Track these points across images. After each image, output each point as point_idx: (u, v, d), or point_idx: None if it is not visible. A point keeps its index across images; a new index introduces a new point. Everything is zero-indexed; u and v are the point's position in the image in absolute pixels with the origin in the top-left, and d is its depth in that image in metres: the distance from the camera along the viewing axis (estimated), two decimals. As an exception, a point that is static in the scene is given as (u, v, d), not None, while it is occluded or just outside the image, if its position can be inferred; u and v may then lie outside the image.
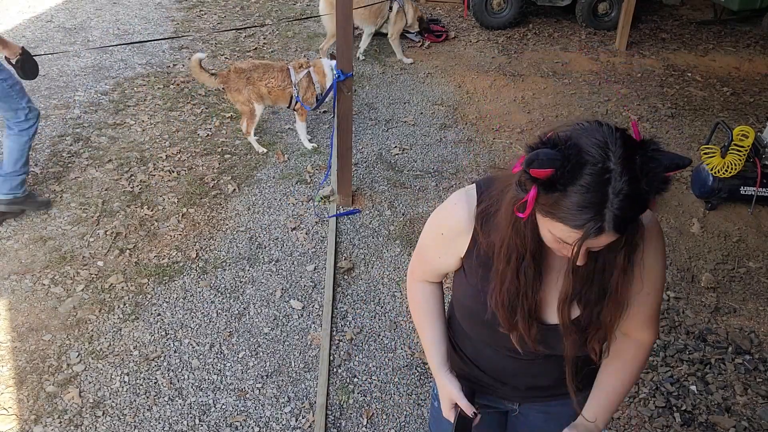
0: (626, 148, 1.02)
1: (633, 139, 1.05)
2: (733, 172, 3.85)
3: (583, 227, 1.02)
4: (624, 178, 0.99)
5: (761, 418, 2.64)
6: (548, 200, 1.04)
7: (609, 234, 1.03)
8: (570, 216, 1.03)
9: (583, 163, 1.01)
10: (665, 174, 1.02)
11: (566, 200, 1.02)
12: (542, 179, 1.02)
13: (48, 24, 6.81)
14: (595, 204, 1.01)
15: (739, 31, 7.27)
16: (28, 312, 3.08)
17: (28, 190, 3.75)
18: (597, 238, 1.04)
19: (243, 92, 4.32)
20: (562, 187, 1.02)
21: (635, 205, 1.02)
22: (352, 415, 2.64)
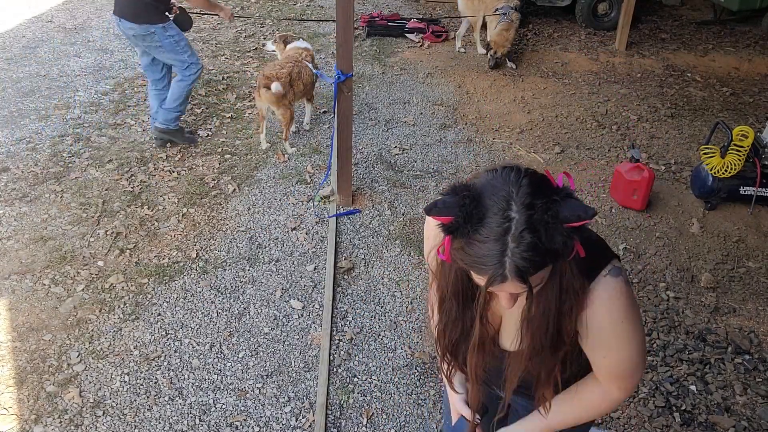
0: (531, 196, 1.00)
1: (546, 186, 1.04)
2: (733, 172, 3.86)
3: (486, 275, 1.03)
4: (522, 227, 0.98)
5: (761, 417, 2.64)
6: (458, 245, 1.05)
7: (513, 282, 1.03)
8: (473, 263, 1.04)
9: (483, 212, 1.01)
10: (565, 225, 1.00)
11: (469, 248, 1.03)
12: (446, 226, 1.03)
13: (48, 24, 6.81)
14: (496, 253, 1.00)
15: (738, 31, 7.27)
16: (28, 312, 3.09)
17: (180, 125, 4.48)
18: (502, 285, 1.04)
19: (287, 96, 4.33)
20: (465, 234, 1.02)
21: (537, 254, 1.00)
22: (352, 415, 2.64)
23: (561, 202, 1.01)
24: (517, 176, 1.03)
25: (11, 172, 4.18)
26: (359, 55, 6.26)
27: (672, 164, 4.54)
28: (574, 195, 1.04)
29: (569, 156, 4.61)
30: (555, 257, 1.03)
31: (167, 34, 4.07)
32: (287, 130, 4.44)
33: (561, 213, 1.00)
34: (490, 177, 1.05)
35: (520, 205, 1.00)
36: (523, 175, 1.03)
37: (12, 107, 5.01)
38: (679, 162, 4.57)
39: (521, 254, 0.99)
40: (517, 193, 1.01)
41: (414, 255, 3.55)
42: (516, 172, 1.04)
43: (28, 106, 5.05)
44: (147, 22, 3.98)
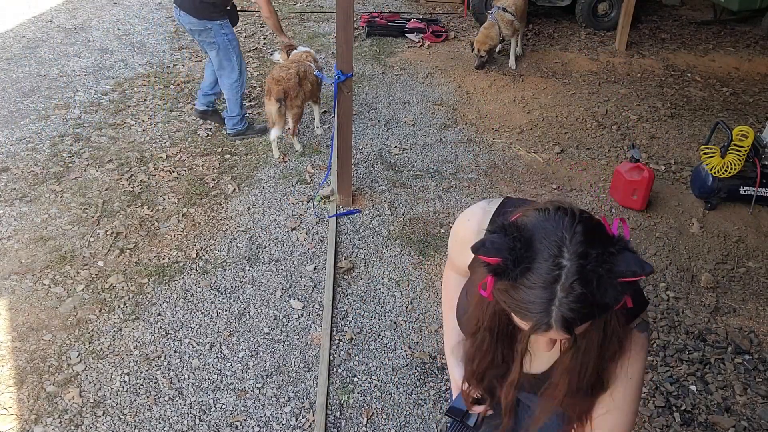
0: (585, 245, 0.95)
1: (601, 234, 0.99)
2: (733, 172, 3.86)
3: (531, 321, 0.99)
4: (574, 277, 0.94)
5: (761, 417, 2.64)
6: (503, 286, 1.01)
7: (558, 332, 0.99)
8: (518, 308, 1.00)
9: (533, 257, 0.96)
10: (619, 280, 0.95)
11: (516, 292, 0.99)
12: (492, 267, 0.98)
13: (48, 24, 6.81)
14: (543, 301, 0.96)
15: (738, 31, 7.27)
16: (28, 312, 3.09)
17: (247, 121, 4.72)
18: (546, 333, 1.00)
19: (299, 96, 4.33)
20: (512, 278, 0.98)
21: (586, 306, 0.96)
22: (352, 415, 2.64)
23: (617, 254, 0.96)
24: (572, 221, 0.98)
25: (11, 172, 4.18)
26: (359, 55, 6.26)
27: (672, 164, 4.54)
28: (630, 246, 0.98)
29: (569, 156, 4.61)
30: (603, 310, 0.99)
31: (222, 32, 4.26)
32: (295, 126, 4.44)
33: (616, 267, 0.95)
34: (542, 218, 1.00)
35: (573, 254, 0.95)
36: (577, 220, 0.98)
37: (12, 107, 5.01)
38: (679, 162, 4.57)
39: (569, 305, 0.95)
40: (571, 240, 0.96)
41: (414, 255, 3.55)
42: (570, 216, 0.99)
43: (28, 106, 5.05)
44: (206, 18, 4.17)
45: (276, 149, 4.45)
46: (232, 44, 4.36)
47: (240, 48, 4.48)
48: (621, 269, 0.95)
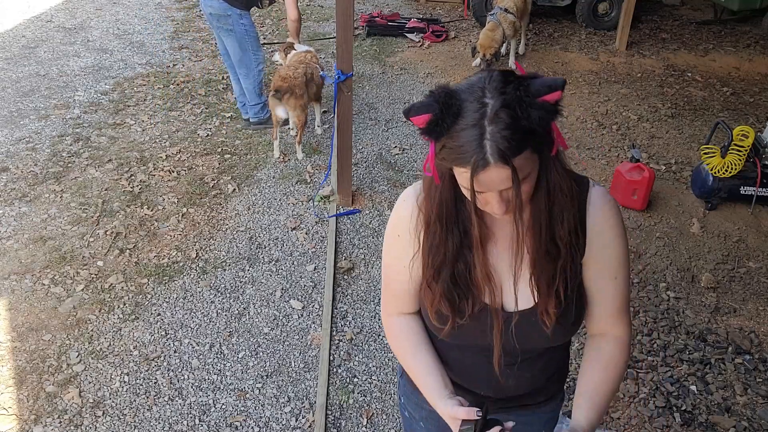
0: (501, 82, 1.04)
1: (511, 74, 1.07)
2: (733, 172, 3.85)
3: (470, 162, 1.03)
4: (496, 107, 1.01)
5: (761, 418, 2.64)
6: (440, 146, 1.07)
7: (498, 167, 1.02)
8: (457, 156, 1.04)
9: (459, 105, 1.03)
10: (538, 99, 1.02)
11: (451, 142, 1.04)
12: (425, 127, 1.05)
13: (48, 24, 6.81)
14: (475, 138, 1.02)
15: (739, 31, 7.27)
16: (28, 312, 3.08)
17: (269, 110, 4.62)
18: (486, 171, 1.03)
19: (304, 96, 4.33)
20: (445, 130, 1.04)
21: (516, 132, 1.01)
22: (352, 415, 2.64)
23: (530, 79, 1.04)
24: (488, 72, 1.07)
25: (11, 171, 4.18)
26: (359, 55, 6.26)
27: (672, 164, 4.54)
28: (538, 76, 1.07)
29: (569, 156, 4.61)
30: (534, 138, 1.04)
31: (241, 21, 4.34)
32: (301, 133, 4.43)
33: (532, 87, 1.03)
34: (464, 80, 1.10)
35: (494, 90, 1.02)
36: (494, 70, 1.08)
37: (12, 107, 5.01)
38: (680, 162, 4.57)
39: (500, 133, 1.00)
40: (489, 81, 1.04)
41: (414, 255, 3.54)
42: (487, 71, 1.08)
43: (28, 105, 5.04)
44: (228, 3, 4.23)
45: (277, 149, 4.45)
46: (250, 34, 4.42)
47: (258, 38, 4.54)
48: (537, 88, 1.03)
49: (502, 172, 1.03)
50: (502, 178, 1.05)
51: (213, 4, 4.26)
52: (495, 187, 1.07)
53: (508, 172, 1.03)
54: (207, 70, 5.80)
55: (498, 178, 1.05)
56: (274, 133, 4.43)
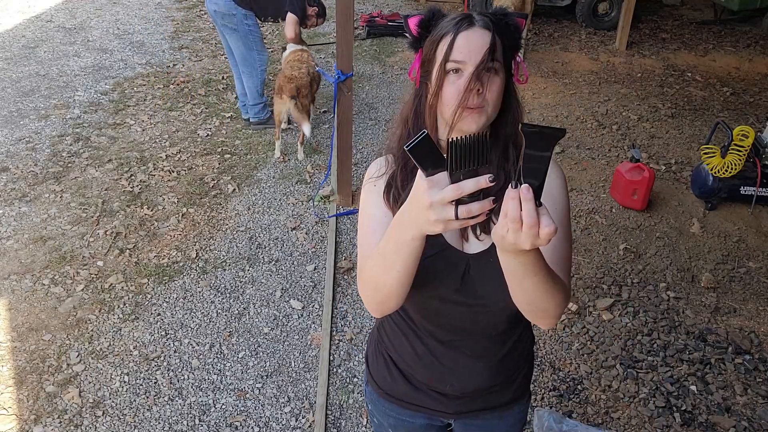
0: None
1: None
2: (733, 172, 3.85)
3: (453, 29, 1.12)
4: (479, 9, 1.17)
5: (761, 418, 2.64)
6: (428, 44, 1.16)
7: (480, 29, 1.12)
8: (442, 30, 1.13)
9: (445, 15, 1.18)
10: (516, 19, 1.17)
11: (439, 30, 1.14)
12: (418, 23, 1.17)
13: (48, 24, 6.81)
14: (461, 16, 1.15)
15: (739, 31, 7.27)
16: (28, 312, 3.08)
17: (269, 111, 4.77)
18: (469, 30, 1.11)
19: (308, 96, 4.34)
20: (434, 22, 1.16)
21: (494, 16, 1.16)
22: (352, 415, 2.64)
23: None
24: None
25: (11, 171, 4.18)
26: (359, 55, 6.26)
27: (672, 164, 4.54)
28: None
29: (569, 156, 4.61)
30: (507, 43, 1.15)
31: (245, 22, 4.36)
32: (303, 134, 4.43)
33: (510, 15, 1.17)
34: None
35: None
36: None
37: (11, 107, 5.01)
38: (680, 162, 4.57)
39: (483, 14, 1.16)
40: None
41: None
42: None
43: (28, 105, 5.04)
44: (234, 2, 4.26)
45: (278, 149, 4.45)
46: (254, 34, 4.45)
47: (262, 39, 4.58)
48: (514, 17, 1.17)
49: (485, 36, 1.11)
50: (483, 42, 1.11)
51: (218, 1, 4.27)
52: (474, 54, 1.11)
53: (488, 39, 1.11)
54: (207, 70, 5.80)
55: (480, 41, 1.11)
56: (276, 133, 4.43)
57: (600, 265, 3.51)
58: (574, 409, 2.66)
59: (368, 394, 1.56)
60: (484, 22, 1.13)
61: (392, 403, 1.47)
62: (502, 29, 1.15)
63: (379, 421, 1.55)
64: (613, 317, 3.15)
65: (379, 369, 1.47)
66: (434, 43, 1.14)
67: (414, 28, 1.18)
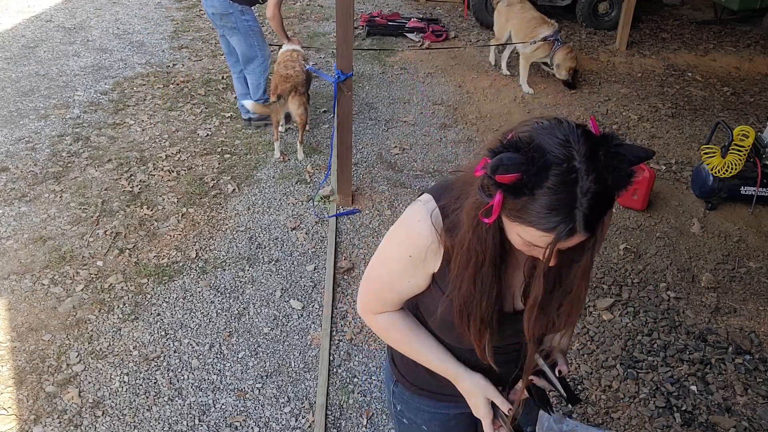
0: (589, 145, 0.99)
1: (594, 134, 1.03)
2: (734, 172, 3.85)
3: (555, 230, 1.00)
4: (591, 176, 0.97)
5: (761, 418, 2.64)
6: (516, 205, 1.01)
7: (580, 234, 1.02)
8: (540, 219, 1.00)
9: (548, 165, 0.98)
10: (630, 168, 1.01)
11: (535, 204, 0.99)
12: (508, 184, 0.99)
13: (48, 24, 6.81)
14: (565, 205, 0.98)
15: (739, 31, 7.26)
16: (27, 312, 3.08)
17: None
18: (569, 239, 1.02)
19: (305, 94, 4.33)
20: (529, 191, 0.99)
21: (604, 202, 1.00)
22: (352, 415, 2.63)
23: (621, 146, 1.00)
24: (569, 125, 1.02)
25: (10, 171, 4.17)
26: (359, 55, 6.25)
27: (672, 164, 4.53)
28: (619, 137, 1.03)
29: (569, 156, 4.60)
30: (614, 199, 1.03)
31: (243, 18, 4.34)
32: (303, 132, 4.43)
33: (626, 156, 1.00)
34: (543, 128, 1.02)
35: (584, 155, 0.98)
36: (574, 124, 1.02)
37: (11, 107, 5.00)
38: (680, 162, 4.57)
39: (590, 203, 0.97)
40: (578, 142, 0.98)
41: (414, 255, 3.54)
42: (566, 122, 1.03)
43: (28, 105, 5.04)
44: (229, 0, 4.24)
45: (278, 149, 4.44)
46: (253, 30, 4.43)
47: (262, 34, 4.56)
48: (630, 158, 1.00)
49: (582, 238, 1.03)
50: (578, 241, 1.04)
51: (214, 3, 4.26)
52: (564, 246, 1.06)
53: (586, 237, 1.02)
54: (207, 69, 5.80)
55: (575, 242, 1.04)
56: (275, 134, 4.43)
57: (600, 265, 3.50)
58: (574, 410, 2.66)
59: (398, 395, 1.54)
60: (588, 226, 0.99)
61: (426, 397, 1.47)
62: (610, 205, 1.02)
63: (411, 420, 1.54)
64: (613, 317, 3.15)
65: (409, 366, 1.47)
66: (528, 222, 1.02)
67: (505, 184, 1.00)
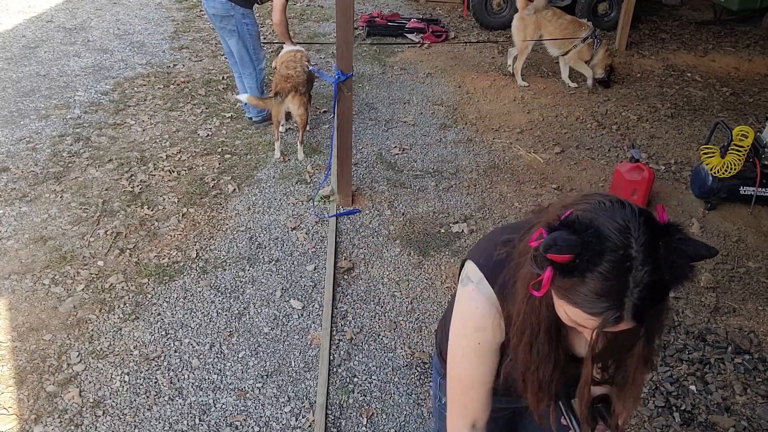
0: (650, 235, 0.96)
1: (656, 222, 0.99)
2: (733, 172, 3.86)
3: (601, 315, 0.98)
4: (646, 267, 0.94)
5: (761, 417, 2.64)
6: (565, 284, 0.99)
7: (628, 322, 0.99)
8: (587, 303, 0.98)
9: (603, 250, 0.95)
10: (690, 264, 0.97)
11: (584, 286, 0.97)
12: (563, 265, 0.97)
13: (48, 24, 6.81)
14: (615, 292, 0.95)
15: (738, 31, 7.27)
16: (28, 312, 3.09)
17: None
18: (616, 326, 1.00)
19: (306, 95, 4.34)
20: (579, 273, 0.96)
21: (656, 294, 0.97)
22: (352, 414, 2.64)
23: (684, 240, 0.97)
24: (632, 211, 0.99)
25: (11, 171, 4.18)
26: (359, 55, 6.26)
27: (672, 164, 4.54)
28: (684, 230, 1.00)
29: (569, 156, 4.61)
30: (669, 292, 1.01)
31: (244, 21, 4.38)
32: (303, 132, 4.44)
33: (686, 251, 0.96)
34: (602, 210, 0.99)
35: (642, 244, 0.95)
36: (637, 209, 0.99)
37: (12, 107, 5.01)
38: (679, 162, 4.57)
39: (641, 294, 0.95)
40: (638, 229, 0.95)
41: (414, 255, 3.55)
42: (629, 207, 0.99)
43: (28, 105, 5.05)
44: (231, 2, 4.27)
45: (278, 150, 4.45)
46: (251, 34, 4.46)
47: (260, 38, 4.61)
48: (690, 254, 0.96)
49: (629, 326, 1.00)
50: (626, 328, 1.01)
51: (215, 4, 4.27)
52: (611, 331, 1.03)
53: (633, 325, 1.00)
54: (207, 70, 5.81)
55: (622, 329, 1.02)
56: (276, 134, 4.43)
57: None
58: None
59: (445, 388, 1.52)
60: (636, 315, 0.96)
61: None
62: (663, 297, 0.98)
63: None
64: (612, 317, 3.16)
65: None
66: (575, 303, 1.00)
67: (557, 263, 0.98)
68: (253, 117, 4.83)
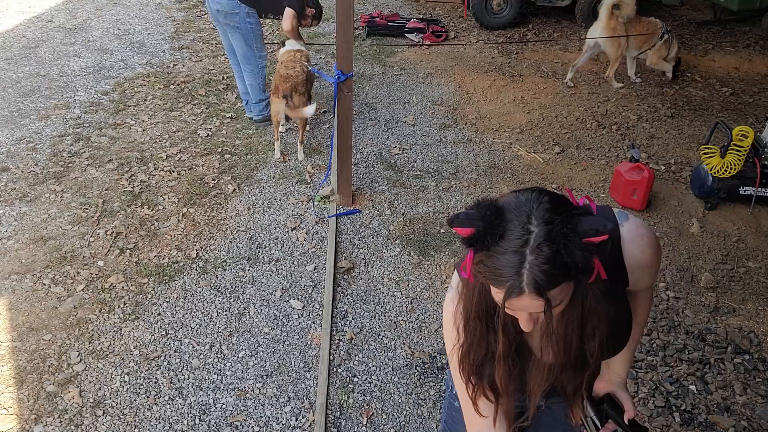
0: (551, 212, 1.02)
1: (566, 203, 1.07)
2: (733, 172, 3.86)
3: (504, 286, 1.04)
4: (541, 239, 1.00)
5: (760, 417, 2.64)
6: (478, 258, 1.06)
7: (531, 296, 1.03)
8: (492, 276, 1.05)
9: (504, 225, 1.03)
10: (584, 240, 1.01)
11: (489, 260, 1.04)
12: (467, 238, 1.04)
13: (48, 24, 6.82)
14: (513, 265, 1.02)
15: (738, 31, 7.27)
16: (28, 312, 3.09)
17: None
18: (519, 298, 1.04)
19: (305, 94, 4.34)
20: (485, 247, 1.04)
21: (555, 268, 1.01)
22: (352, 414, 2.64)
23: (580, 217, 1.03)
24: (539, 194, 1.06)
25: (11, 171, 4.18)
26: (359, 55, 6.26)
27: (672, 164, 4.54)
28: (593, 213, 1.06)
29: (569, 156, 4.61)
30: (573, 274, 1.04)
31: (248, 20, 4.39)
32: (303, 132, 4.44)
33: (579, 227, 1.01)
34: (513, 196, 1.08)
35: (540, 219, 1.02)
36: (544, 193, 1.06)
37: (12, 107, 5.01)
38: (679, 162, 4.57)
39: (539, 266, 1.00)
40: (537, 207, 1.03)
41: (414, 255, 3.55)
42: (538, 191, 1.07)
43: (28, 105, 5.05)
44: (237, 0, 4.30)
45: (278, 150, 4.45)
46: (255, 33, 4.48)
47: (262, 38, 4.62)
48: (584, 228, 1.01)
49: (535, 301, 1.04)
50: (534, 305, 1.06)
51: (221, 1, 4.29)
52: (525, 310, 1.09)
53: (541, 302, 1.04)
54: (207, 70, 5.81)
55: (530, 305, 1.06)
56: (276, 134, 4.43)
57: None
58: None
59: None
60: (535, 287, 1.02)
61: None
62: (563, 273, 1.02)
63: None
64: (612, 317, 3.16)
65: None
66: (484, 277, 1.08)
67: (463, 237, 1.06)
68: (253, 117, 4.83)
